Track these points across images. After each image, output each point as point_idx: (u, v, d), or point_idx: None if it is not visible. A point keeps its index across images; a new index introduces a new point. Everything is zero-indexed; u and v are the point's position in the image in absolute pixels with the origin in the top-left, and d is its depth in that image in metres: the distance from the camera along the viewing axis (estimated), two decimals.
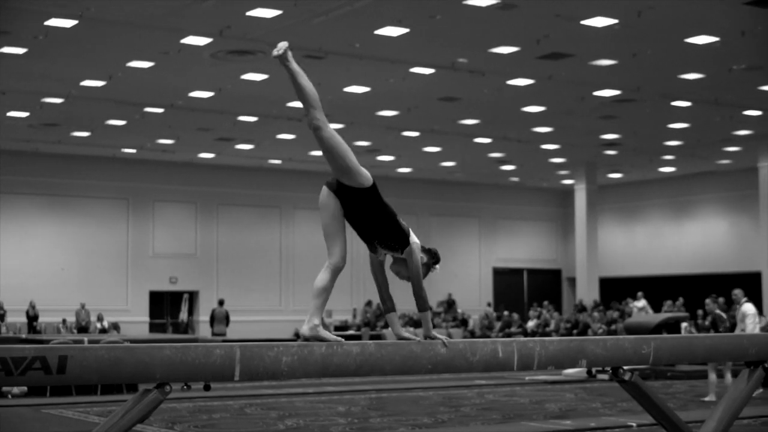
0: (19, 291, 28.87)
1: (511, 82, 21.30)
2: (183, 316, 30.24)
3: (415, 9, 16.52)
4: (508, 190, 38.25)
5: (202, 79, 21.22)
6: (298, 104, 23.29)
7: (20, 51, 18.70)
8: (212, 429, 10.76)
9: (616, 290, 33.95)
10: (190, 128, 26.20)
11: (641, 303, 27.77)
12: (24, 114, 24.16)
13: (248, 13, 16.61)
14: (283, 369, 5.24)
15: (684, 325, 22.52)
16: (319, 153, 29.93)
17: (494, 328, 30.48)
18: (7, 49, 18.59)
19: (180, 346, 5.02)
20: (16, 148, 28.79)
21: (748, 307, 14.59)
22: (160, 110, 24.01)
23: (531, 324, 29.69)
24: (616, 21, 17.02)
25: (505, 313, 31.48)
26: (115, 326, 27.72)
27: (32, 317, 28.32)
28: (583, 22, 17.09)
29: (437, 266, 6.25)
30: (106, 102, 23.03)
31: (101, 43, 18.35)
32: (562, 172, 34.99)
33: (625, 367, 6.44)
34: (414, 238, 6.04)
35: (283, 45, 6.02)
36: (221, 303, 27.83)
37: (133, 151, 29.82)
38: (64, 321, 28.72)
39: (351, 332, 30.14)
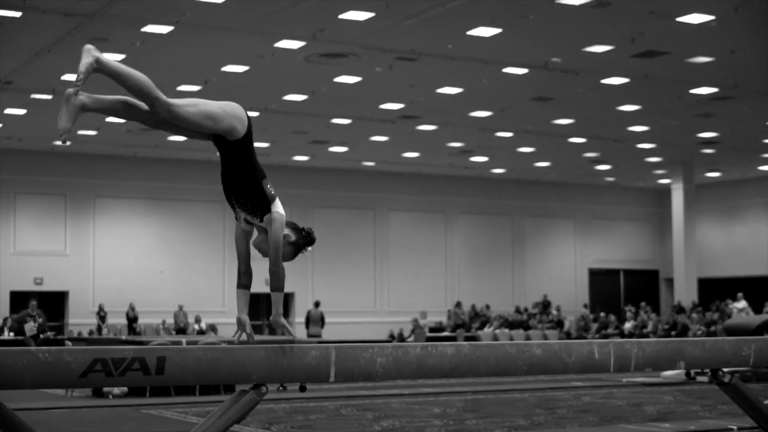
0: (120, 293, 29.43)
1: (606, 81, 21.09)
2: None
3: (507, 9, 16.45)
4: (604, 190, 37.86)
5: (296, 83, 21.39)
6: (391, 106, 23.38)
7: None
8: (308, 430, 10.82)
9: (715, 291, 33.37)
10: (284, 131, 26.43)
11: (741, 304, 27.27)
12: (122, 119, 24.57)
13: (341, 16, 16.70)
14: (378, 370, 5.25)
15: None
16: (413, 154, 29.99)
17: (590, 329, 30.19)
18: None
19: (276, 347, 5.06)
20: (115, 153, 29.36)
21: None
22: (255, 114, 24.25)
23: (628, 325, 29.33)
24: (712, 17, 16.75)
25: (602, 314, 31.16)
26: (213, 328, 28.07)
27: (132, 319, 28.83)
28: (678, 19, 16.85)
29: (309, 248, 5.73)
30: None
31: (197, 49, 18.62)
32: (659, 172, 34.52)
33: (724, 369, 6.33)
34: (278, 208, 5.40)
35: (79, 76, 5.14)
36: (317, 304, 28.00)
37: None
38: (163, 322, 29.18)
39: (446, 333, 30.10)
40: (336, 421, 11.57)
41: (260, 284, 30.02)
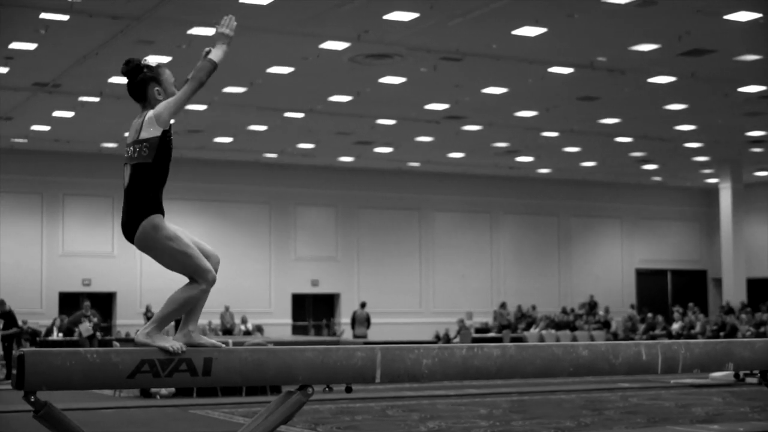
0: (166, 294, 29.38)
1: (652, 80, 20.94)
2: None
3: (552, 8, 16.38)
4: (650, 189, 37.59)
5: (340, 83, 21.42)
6: (436, 106, 23.35)
7: (165, 60, 19.18)
8: (355, 431, 10.83)
9: (764, 291, 33.02)
10: (329, 132, 26.48)
11: None
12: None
13: (385, 17, 16.71)
14: (424, 371, 5.24)
15: None
16: (458, 155, 29.95)
17: (638, 330, 29.98)
18: (152, 58, 19.05)
19: (322, 348, 5.07)
20: None
21: None
22: (300, 115, 24.33)
23: (676, 326, 29.10)
24: (760, 15, 16.57)
25: (649, 315, 30.94)
26: (259, 328, 28.18)
27: (179, 320, 28.95)
28: (726, 17, 16.69)
29: (161, 71, 5.51)
30: (248, 108, 23.44)
31: (242, 50, 18.68)
32: (706, 171, 34.22)
33: None
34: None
35: None
36: (363, 305, 28.03)
37: (275, 155, 30.28)
38: (209, 323, 29.32)
39: (492, 334, 30.02)
40: (382, 422, 11.57)
41: (306, 285, 30.10)
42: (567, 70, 20.17)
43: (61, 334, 22.45)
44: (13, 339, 19.63)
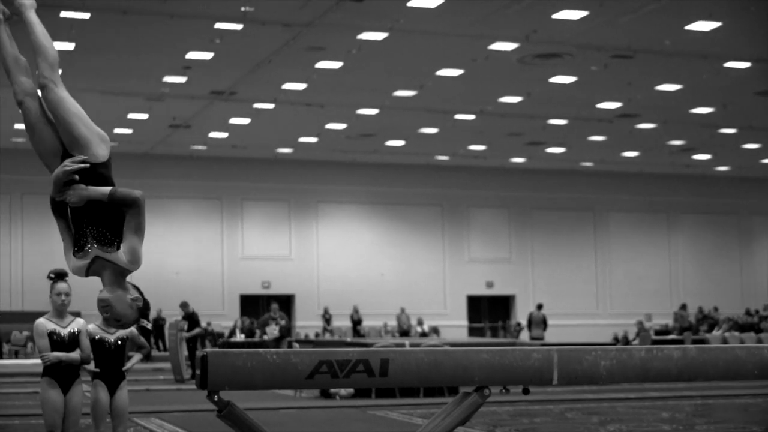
0: (344, 296, 30.05)
1: None
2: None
3: (727, 1, 15.99)
4: None
5: (510, 84, 21.36)
6: (608, 105, 23.03)
7: (336, 65, 19.48)
8: None
9: None
10: (500, 133, 26.41)
11: None
12: (341, 126, 25.12)
13: (554, 16, 16.59)
14: (602, 373, 5.16)
15: None
16: (632, 154, 29.45)
17: None
18: (323, 64, 19.42)
19: (497, 349, 5.05)
20: (335, 159, 30.00)
21: None
22: (470, 117, 24.34)
23: None
24: None
25: None
26: (435, 330, 28.26)
27: (356, 321, 29.37)
28: None
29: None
30: (418, 111, 23.58)
31: (411, 54, 18.83)
32: None
33: None
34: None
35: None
36: (539, 307, 27.83)
37: (446, 158, 30.37)
38: (385, 325, 29.61)
39: (672, 337, 29.38)
40: (561, 425, 11.46)
41: (480, 286, 29.99)
42: (744, 65, 19.63)
43: (243, 336, 22.97)
44: (197, 340, 20.20)
